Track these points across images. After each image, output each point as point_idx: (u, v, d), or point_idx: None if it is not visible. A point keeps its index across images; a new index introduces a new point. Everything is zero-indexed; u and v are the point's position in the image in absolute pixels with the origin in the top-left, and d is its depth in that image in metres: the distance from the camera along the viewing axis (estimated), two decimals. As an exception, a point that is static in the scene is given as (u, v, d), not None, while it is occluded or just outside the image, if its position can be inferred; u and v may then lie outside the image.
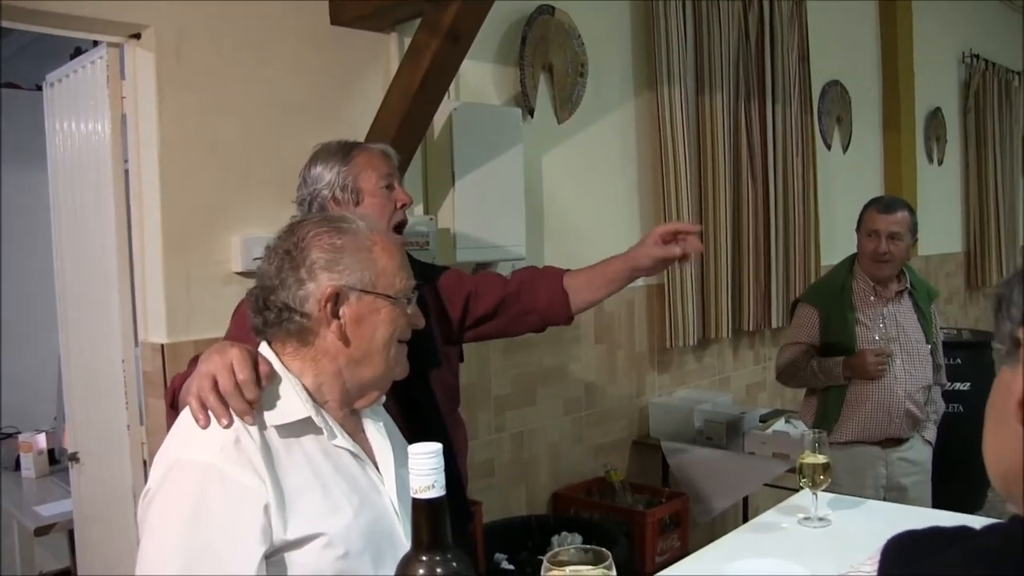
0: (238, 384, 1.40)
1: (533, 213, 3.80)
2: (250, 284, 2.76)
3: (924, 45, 6.99)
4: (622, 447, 4.36)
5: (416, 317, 1.56)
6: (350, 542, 1.40)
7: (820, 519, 2.23)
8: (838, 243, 5.36)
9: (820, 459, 2.22)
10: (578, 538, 3.50)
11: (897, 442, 3.36)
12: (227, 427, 1.37)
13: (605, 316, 4.23)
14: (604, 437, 4.25)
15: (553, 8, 3.87)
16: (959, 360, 4.63)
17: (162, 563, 1.32)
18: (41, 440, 3.84)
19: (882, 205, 3.38)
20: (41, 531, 3.22)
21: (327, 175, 2.17)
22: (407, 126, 2.95)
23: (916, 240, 3.42)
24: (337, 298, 1.46)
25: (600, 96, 4.17)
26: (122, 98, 2.73)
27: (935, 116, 7.38)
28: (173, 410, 1.83)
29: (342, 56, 3.10)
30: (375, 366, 1.51)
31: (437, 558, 1.11)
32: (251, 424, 1.39)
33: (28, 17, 2.46)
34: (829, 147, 6.01)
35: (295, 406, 1.45)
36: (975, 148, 8.03)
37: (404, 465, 1.55)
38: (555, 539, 3.54)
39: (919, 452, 3.43)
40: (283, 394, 1.45)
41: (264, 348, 1.51)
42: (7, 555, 3.56)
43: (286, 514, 1.36)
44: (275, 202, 2.87)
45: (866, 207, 3.43)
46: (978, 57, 7.97)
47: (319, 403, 1.49)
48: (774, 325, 5.15)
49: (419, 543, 1.12)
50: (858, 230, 3.43)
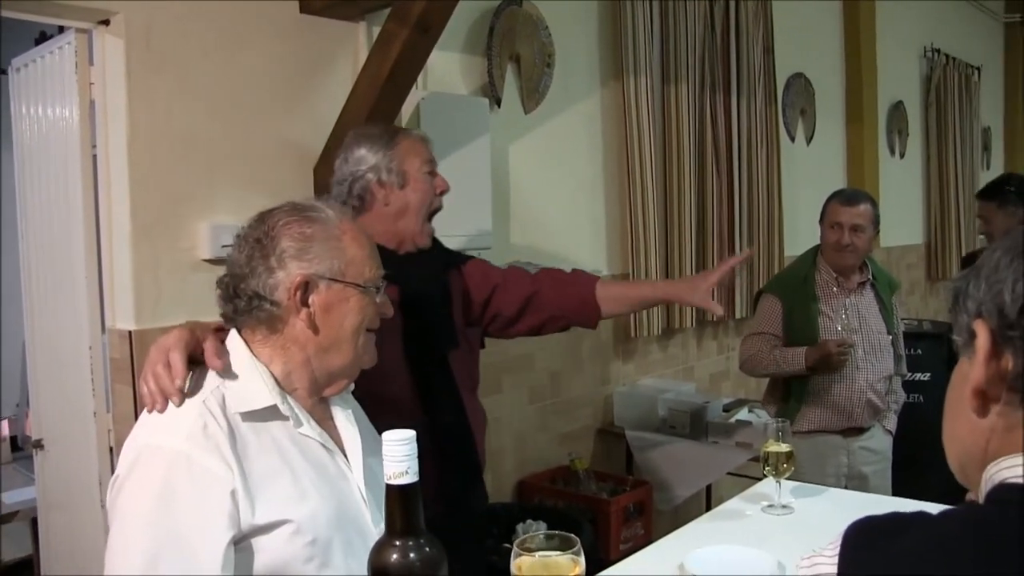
0: (168, 369, 1.43)
1: (500, 202, 3.82)
2: (218, 271, 2.78)
3: (886, 39, 7.07)
4: (587, 436, 4.40)
5: (385, 306, 1.58)
6: (318, 529, 1.42)
7: (784, 507, 2.26)
8: (801, 234, 5.42)
9: (784, 448, 2.26)
10: (543, 526, 3.53)
11: (858, 431, 3.42)
12: (160, 411, 1.41)
13: (571, 305, 4.25)
14: (569, 426, 4.28)
15: (521, -1, 3.89)
16: (919, 351, 4.71)
17: (130, 548, 1.33)
18: (4, 427, 3.81)
19: (845, 197, 3.44)
20: (4, 519, 3.21)
21: (372, 158, 2.22)
22: (376, 115, 2.95)
23: (878, 232, 3.48)
24: (307, 287, 1.47)
25: (567, 87, 4.19)
26: (90, 84, 2.71)
27: (897, 109, 7.48)
28: None
29: (311, 45, 3.09)
30: (344, 354, 1.52)
31: (410, 543, 1.13)
32: (179, 406, 1.41)
33: (-7, 1, 2.44)
34: (793, 139, 6.07)
35: (261, 394, 1.46)
36: (936, 141, 8.14)
37: (372, 453, 1.58)
38: (520, 527, 3.56)
39: (880, 441, 3.49)
40: (250, 381, 1.46)
41: (233, 335, 1.52)
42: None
43: (254, 500, 1.37)
44: (243, 189, 2.87)
45: (829, 199, 3.48)
46: (939, 52, 8.07)
47: (288, 391, 1.50)
48: (738, 315, 5.20)
49: (392, 528, 1.13)
50: (821, 222, 3.48)
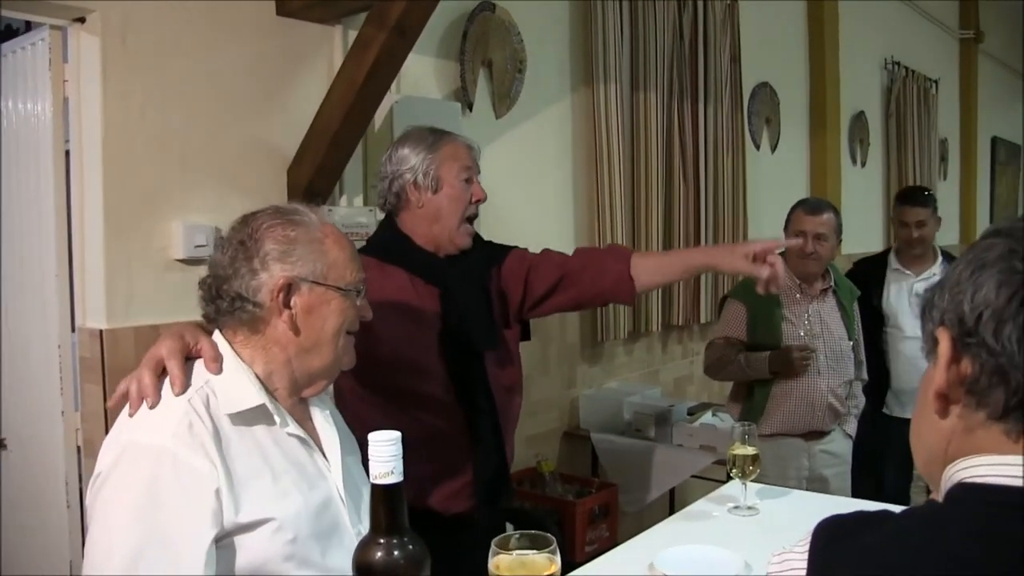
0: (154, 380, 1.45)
1: (470, 205, 3.84)
2: (191, 271, 2.79)
3: (849, 51, 7.18)
4: (553, 438, 4.42)
5: (364, 309, 1.61)
6: (299, 527, 1.44)
7: (749, 508, 2.31)
8: (765, 241, 5.48)
9: (749, 450, 2.31)
10: (509, 527, 3.55)
11: (819, 435, 3.48)
12: (151, 407, 1.42)
13: (538, 309, 4.29)
14: (535, 428, 4.31)
15: (494, 5, 3.92)
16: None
17: (114, 545, 1.34)
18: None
19: (809, 207, 3.50)
20: (-35, 518, 3.17)
21: (413, 159, 2.24)
22: (351, 118, 2.97)
23: (840, 241, 3.55)
24: (289, 288, 1.50)
25: (537, 92, 4.23)
26: (64, 81, 2.70)
27: (859, 119, 7.59)
28: None
29: (287, 46, 3.10)
30: (324, 356, 1.55)
31: (394, 541, 1.15)
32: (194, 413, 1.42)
33: (-31, -3, 2.44)
34: (758, 147, 6.15)
35: (250, 394, 1.48)
36: (896, 151, 8.26)
37: (349, 453, 1.61)
38: (487, 527, 3.59)
39: (840, 445, 3.56)
40: (238, 382, 1.48)
41: (217, 337, 1.54)
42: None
43: (238, 499, 1.39)
44: (217, 189, 2.88)
45: (793, 208, 3.54)
46: (899, 64, 8.21)
47: (269, 391, 1.52)
48: (703, 320, 5.25)
49: (377, 526, 1.16)
50: (786, 230, 3.53)
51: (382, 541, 1.15)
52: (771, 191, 6.07)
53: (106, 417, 2.65)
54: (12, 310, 3.01)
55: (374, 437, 1.15)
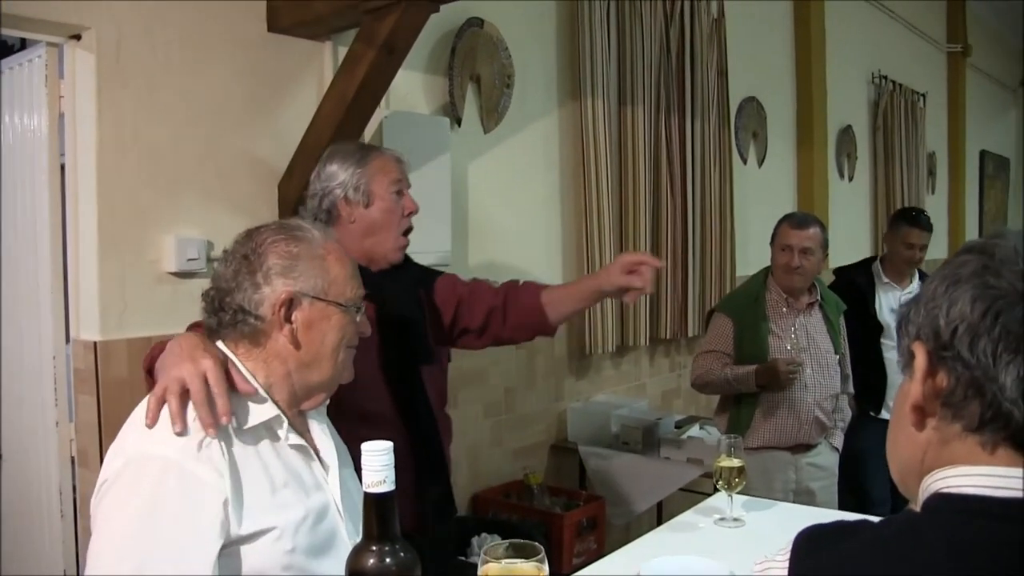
0: (210, 395, 1.44)
1: (459, 219, 3.88)
2: (182, 284, 2.82)
3: (836, 65, 7.23)
4: (541, 451, 4.45)
5: (363, 325, 1.64)
6: (298, 538, 1.47)
7: (735, 520, 2.34)
8: (752, 255, 5.53)
9: (735, 463, 2.34)
10: (497, 539, 3.57)
11: (806, 448, 3.51)
12: (179, 433, 1.41)
13: (527, 322, 4.31)
14: (523, 441, 4.34)
15: (482, 21, 3.96)
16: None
17: (118, 557, 1.35)
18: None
19: (795, 221, 3.54)
20: (-41, 529, 3.18)
21: (342, 175, 2.25)
22: (341, 134, 2.99)
23: (827, 255, 3.59)
24: (291, 303, 1.53)
25: (525, 107, 4.27)
26: (60, 96, 2.74)
27: (846, 133, 7.63)
28: (149, 376, 1.87)
29: (278, 63, 3.13)
30: (323, 370, 1.58)
31: (386, 548, 1.18)
32: (213, 437, 1.43)
33: (-32, 16, 2.47)
34: (745, 161, 6.19)
35: (264, 407, 1.51)
36: (883, 165, 8.29)
37: (345, 465, 1.64)
38: (475, 540, 3.60)
39: (827, 458, 3.59)
40: (250, 397, 1.51)
41: (226, 352, 1.56)
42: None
43: (242, 509, 1.41)
44: (209, 204, 2.90)
45: (780, 222, 3.58)
46: (886, 78, 8.26)
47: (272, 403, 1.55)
48: (690, 334, 5.28)
49: (370, 534, 1.19)
50: (772, 244, 3.57)
51: (374, 548, 1.18)
52: (758, 205, 6.11)
53: (100, 428, 2.67)
54: (7, 322, 3.03)
55: (367, 447, 1.18)
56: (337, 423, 1.77)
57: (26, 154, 2.83)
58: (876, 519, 0.99)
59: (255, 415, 1.50)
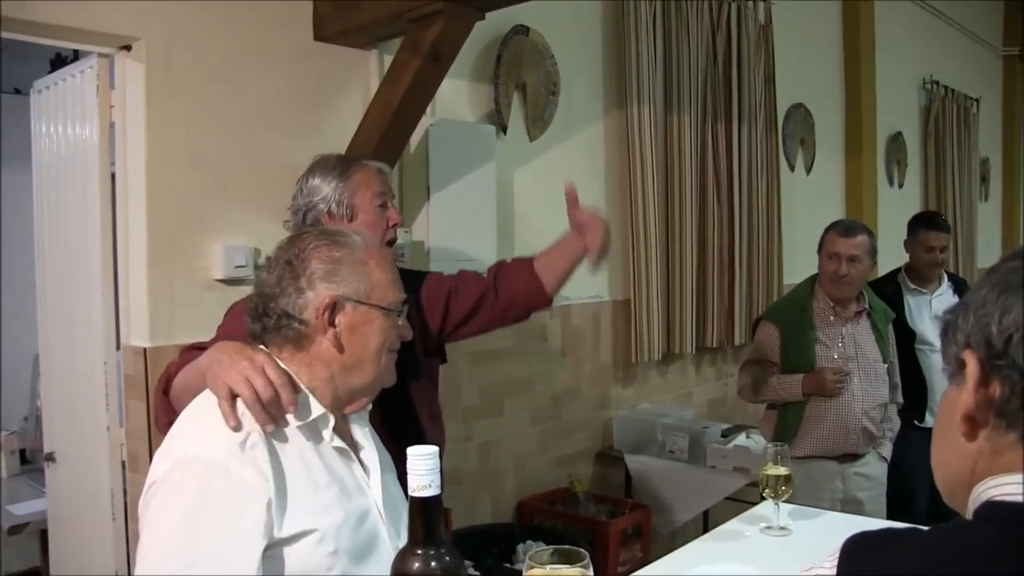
0: (276, 392, 1.46)
1: (504, 228, 3.88)
2: (230, 291, 2.85)
3: (886, 71, 7.14)
4: (586, 458, 4.44)
5: (405, 329, 1.65)
6: (340, 540, 1.47)
7: (781, 528, 2.31)
8: (799, 263, 5.48)
9: (782, 471, 2.31)
10: (542, 546, 3.56)
11: (853, 457, 3.46)
12: (235, 429, 1.43)
13: (572, 330, 4.32)
14: (569, 448, 4.33)
15: (527, 28, 3.97)
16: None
17: (165, 558, 1.37)
18: (14, 440, 3.86)
19: (842, 229, 3.49)
20: (14, 530, 3.25)
21: (325, 188, 2.21)
22: (386, 142, 3.02)
23: (875, 263, 3.55)
24: (334, 307, 1.53)
25: (571, 114, 4.27)
26: (111, 106, 2.79)
27: (896, 140, 7.54)
28: (165, 396, 1.88)
29: (324, 71, 3.16)
30: (366, 373, 1.59)
31: (431, 552, 1.19)
32: (272, 431, 1.45)
33: (24, 28, 2.52)
34: (793, 168, 6.14)
35: (312, 406, 1.53)
36: (934, 172, 8.17)
37: (387, 470, 1.64)
38: (520, 547, 3.60)
39: (875, 468, 3.53)
40: (299, 397, 1.53)
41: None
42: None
43: (284, 511, 1.43)
44: (256, 212, 2.93)
45: (827, 230, 3.54)
46: (938, 84, 8.14)
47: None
48: (736, 342, 5.24)
49: (415, 538, 1.19)
50: (819, 252, 3.53)
51: (419, 552, 1.19)
52: (806, 213, 6.05)
53: (149, 433, 2.71)
54: (60, 328, 3.09)
55: (413, 451, 1.18)
56: None
57: (78, 163, 2.89)
58: (925, 528, 0.97)
59: (301, 415, 1.51)
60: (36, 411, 3.70)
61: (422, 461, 1.17)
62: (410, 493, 1.19)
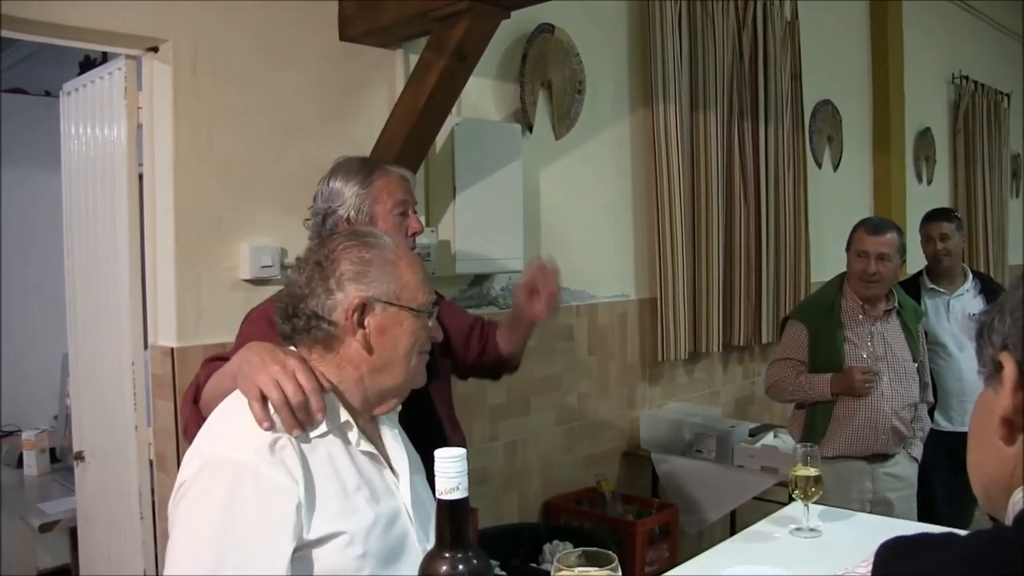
0: (305, 396, 1.46)
1: (531, 227, 3.87)
2: (257, 291, 2.86)
3: (914, 66, 7.08)
4: (613, 458, 4.43)
5: (435, 330, 1.64)
6: (369, 543, 1.47)
7: (811, 530, 2.29)
8: (827, 261, 5.44)
9: (812, 472, 2.29)
10: (569, 546, 3.55)
11: (883, 458, 3.43)
12: (268, 429, 1.43)
13: (598, 329, 4.31)
14: (595, 447, 4.32)
15: (553, 27, 3.96)
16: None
17: (194, 558, 1.37)
18: (44, 438, 3.89)
19: (871, 226, 3.46)
20: (45, 528, 3.27)
21: (345, 194, 2.20)
22: (412, 141, 3.02)
23: (904, 260, 3.51)
24: (363, 308, 1.53)
25: (597, 113, 4.26)
26: (138, 108, 2.80)
27: (924, 136, 7.46)
28: (195, 405, 1.87)
29: (349, 71, 3.17)
30: (395, 375, 1.58)
31: (459, 555, 1.18)
32: (299, 434, 1.45)
33: (52, 31, 2.54)
34: (820, 166, 6.10)
35: (339, 411, 1.53)
36: (964, 169, 8.08)
37: (416, 472, 1.64)
38: (546, 547, 3.59)
39: (905, 468, 3.50)
40: (327, 400, 1.53)
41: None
42: (7, 552, 3.60)
43: (313, 513, 1.43)
44: (282, 212, 2.94)
45: (855, 228, 3.50)
46: (967, 78, 8.05)
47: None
48: (764, 341, 5.22)
49: (442, 541, 1.19)
50: (848, 250, 3.50)
51: (447, 555, 1.18)
52: (833, 210, 6.01)
53: (177, 433, 2.72)
54: (88, 328, 3.11)
55: (440, 454, 1.18)
56: None
57: (106, 165, 2.91)
58: (962, 532, 0.95)
59: (329, 418, 1.51)
60: (66, 410, 3.73)
61: (450, 464, 1.17)
62: (437, 496, 1.18)
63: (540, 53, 3.91)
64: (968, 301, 4.20)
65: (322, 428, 1.50)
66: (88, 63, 4.27)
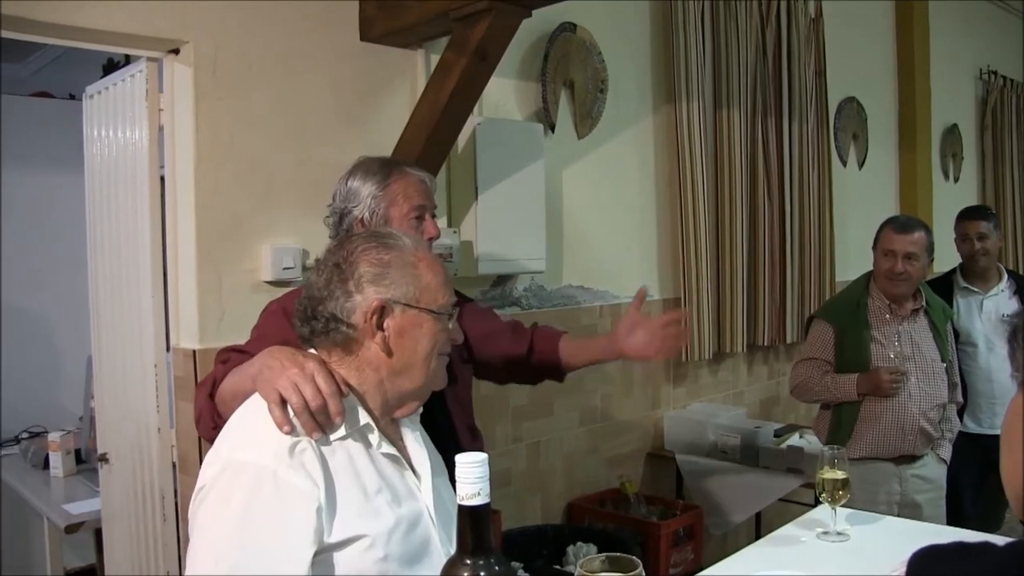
0: (325, 400, 1.45)
1: (553, 227, 3.85)
2: (278, 293, 2.85)
3: (941, 61, 7.00)
4: (637, 459, 4.40)
5: (455, 332, 1.62)
6: (390, 546, 1.46)
7: (839, 534, 2.26)
8: (852, 259, 5.41)
9: (839, 475, 2.26)
10: (593, 548, 3.54)
11: (911, 459, 3.39)
12: (289, 433, 1.43)
13: (622, 328, 4.27)
14: (619, 449, 4.30)
15: (575, 25, 3.94)
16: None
17: (214, 562, 1.37)
18: (70, 439, 3.91)
19: (899, 225, 3.42)
20: (71, 529, 3.29)
21: (362, 194, 2.18)
22: (434, 142, 3.01)
23: (932, 259, 3.46)
24: (382, 311, 1.52)
25: (619, 112, 4.23)
26: (160, 110, 2.81)
27: (951, 133, 7.38)
28: (210, 399, 1.88)
29: (370, 71, 3.16)
30: (415, 377, 1.57)
31: (480, 562, 1.17)
32: (319, 437, 1.45)
33: (74, 34, 2.55)
34: (845, 163, 6.04)
35: (358, 413, 1.52)
36: (992, 165, 7.98)
37: (439, 474, 1.62)
38: (570, 549, 3.57)
39: (933, 470, 3.46)
40: (346, 403, 1.52)
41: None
42: (37, 552, 3.62)
43: (333, 516, 1.42)
44: (303, 213, 2.94)
45: (882, 226, 3.46)
46: (995, 74, 7.95)
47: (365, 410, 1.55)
48: (788, 340, 5.18)
49: (464, 547, 1.18)
50: (874, 248, 3.46)
51: (468, 562, 1.17)
52: (858, 208, 5.96)
53: (199, 435, 2.72)
54: (111, 330, 3.12)
55: (461, 459, 1.17)
56: None
57: (128, 167, 2.91)
58: (1001, 540, 0.92)
59: (349, 421, 1.50)
60: (91, 412, 3.74)
61: (471, 469, 1.15)
62: (458, 502, 1.17)
63: (562, 52, 3.89)
64: (1002, 301, 4.14)
65: (342, 431, 1.49)
66: (111, 66, 4.28)
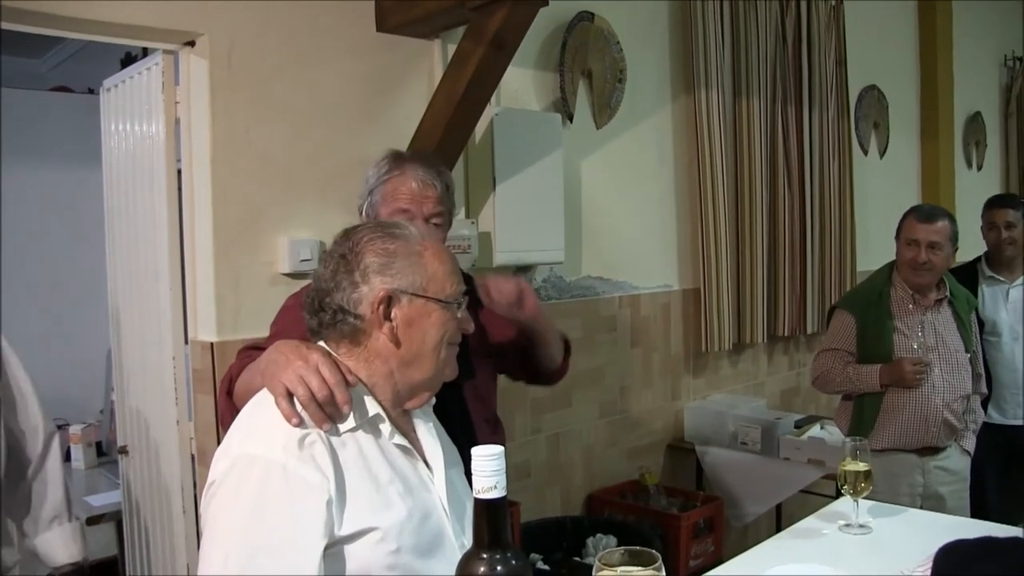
0: (331, 391, 1.44)
1: (571, 217, 3.83)
2: (296, 285, 2.85)
3: (964, 48, 6.92)
4: (657, 450, 4.39)
5: (466, 322, 1.60)
6: (402, 538, 1.45)
7: (861, 526, 2.23)
8: (874, 249, 5.36)
9: (861, 467, 2.23)
10: (612, 540, 3.53)
11: (934, 451, 3.35)
12: (298, 425, 1.42)
13: (641, 320, 4.26)
14: (639, 440, 4.28)
15: (592, 14, 3.91)
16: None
17: (225, 556, 1.36)
18: (91, 432, 3.94)
19: (922, 214, 3.38)
20: (93, 521, 3.30)
21: (365, 186, 2.18)
22: (451, 132, 2.99)
23: (956, 249, 3.42)
24: (389, 301, 1.51)
25: (638, 101, 4.21)
26: (176, 103, 2.80)
27: (975, 120, 7.30)
28: (228, 397, 1.87)
29: (387, 62, 3.15)
30: (425, 368, 1.55)
31: (497, 556, 1.15)
32: (329, 429, 1.44)
33: (90, 27, 2.56)
34: (866, 152, 5.98)
35: (368, 404, 1.50)
36: (1016, 153, 7.90)
37: (452, 465, 1.61)
38: (590, 540, 3.57)
39: (957, 461, 3.41)
40: (354, 393, 1.51)
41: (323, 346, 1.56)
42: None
43: (344, 509, 1.41)
44: (321, 205, 2.93)
45: (905, 215, 3.42)
46: (1020, 60, 7.85)
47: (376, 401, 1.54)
48: (809, 331, 5.14)
49: (480, 541, 1.16)
50: (897, 238, 3.42)
51: (485, 556, 1.15)
52: (879, 198, 5.91)
53: (217, 427, 2.72)
54: (130, 323, 3.13)
55: (477, 452, 1.15)
56: None
57: (145, 160, 2.92)
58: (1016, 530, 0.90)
59: (358, 412, 1.49)
60: (110, 405, 3.76)
61: (487, 462, 1.14)
62: (474, 495, 1.15)
63: (580, 41, 3.87)
64: None
65: (352, 422, 1.47)
66: (129, 60, 4.28)
